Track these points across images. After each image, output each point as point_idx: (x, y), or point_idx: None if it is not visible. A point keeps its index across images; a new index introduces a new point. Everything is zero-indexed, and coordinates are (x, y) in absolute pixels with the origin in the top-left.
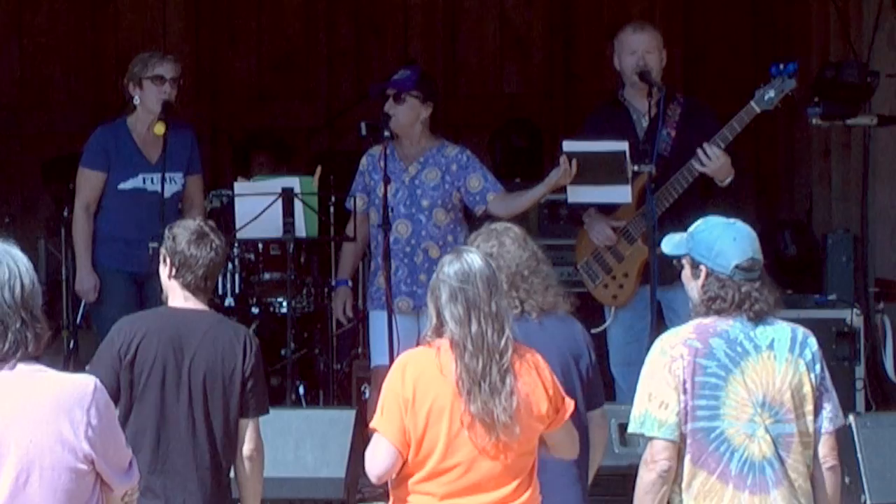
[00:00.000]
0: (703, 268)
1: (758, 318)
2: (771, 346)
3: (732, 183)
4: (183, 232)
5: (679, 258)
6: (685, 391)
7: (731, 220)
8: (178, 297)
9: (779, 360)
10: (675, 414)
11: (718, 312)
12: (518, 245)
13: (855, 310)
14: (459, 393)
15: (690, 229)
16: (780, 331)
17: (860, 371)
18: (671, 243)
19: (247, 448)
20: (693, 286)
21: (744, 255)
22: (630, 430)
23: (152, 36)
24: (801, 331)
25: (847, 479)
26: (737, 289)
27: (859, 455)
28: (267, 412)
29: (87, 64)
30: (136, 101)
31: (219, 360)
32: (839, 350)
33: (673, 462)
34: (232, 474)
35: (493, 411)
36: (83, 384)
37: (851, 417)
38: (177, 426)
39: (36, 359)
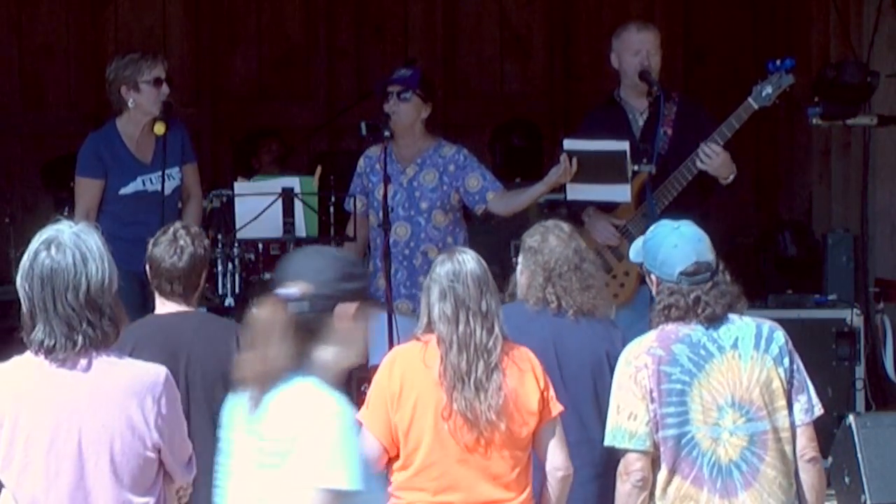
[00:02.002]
0: (653, 277)
1: (711, 323)
2: (735, 346)
3: (734, 180)
4: (159, 236)
5: (642, 265)
6: (653, 400)
7: (676, 225)
8: (158, 302)
9: (744, 358)
10: (644, 424)
11: (676, 320)
12: (561, 242)
13: (855, 310)
14: (442, 388)
15: (645, 236)
16: (744, 328)
17: (860, 371)
18: (634, 250)
19: None
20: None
21: (686, 260)
22: (605, 443)
23: (152, 36)
24: (766, 326)
25: (847, 479)
26: (685, 295)
27: (859, 455)
28: None
29: (87, 64)
30: (132, 104)
31: (214, 357)
32: (839, 350)
33: (647, 472)
34: None
35: (478, 408)
36: (155, 373)
37: (851, 417)
38: None
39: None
